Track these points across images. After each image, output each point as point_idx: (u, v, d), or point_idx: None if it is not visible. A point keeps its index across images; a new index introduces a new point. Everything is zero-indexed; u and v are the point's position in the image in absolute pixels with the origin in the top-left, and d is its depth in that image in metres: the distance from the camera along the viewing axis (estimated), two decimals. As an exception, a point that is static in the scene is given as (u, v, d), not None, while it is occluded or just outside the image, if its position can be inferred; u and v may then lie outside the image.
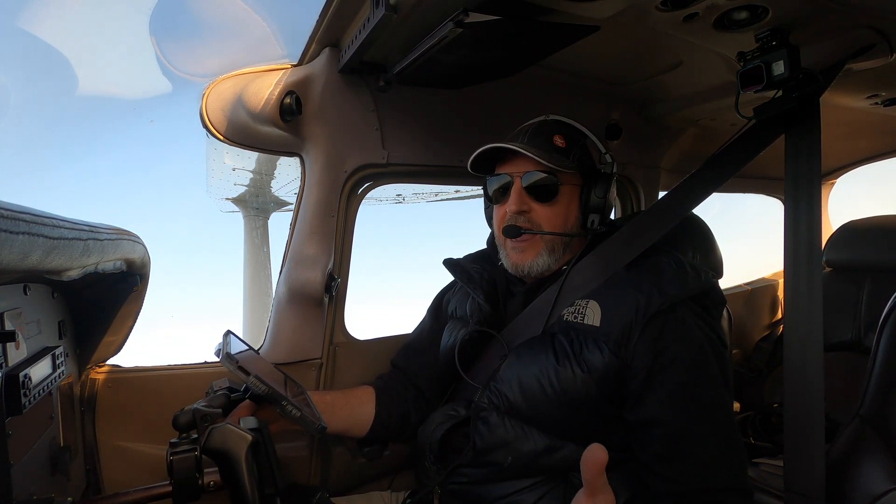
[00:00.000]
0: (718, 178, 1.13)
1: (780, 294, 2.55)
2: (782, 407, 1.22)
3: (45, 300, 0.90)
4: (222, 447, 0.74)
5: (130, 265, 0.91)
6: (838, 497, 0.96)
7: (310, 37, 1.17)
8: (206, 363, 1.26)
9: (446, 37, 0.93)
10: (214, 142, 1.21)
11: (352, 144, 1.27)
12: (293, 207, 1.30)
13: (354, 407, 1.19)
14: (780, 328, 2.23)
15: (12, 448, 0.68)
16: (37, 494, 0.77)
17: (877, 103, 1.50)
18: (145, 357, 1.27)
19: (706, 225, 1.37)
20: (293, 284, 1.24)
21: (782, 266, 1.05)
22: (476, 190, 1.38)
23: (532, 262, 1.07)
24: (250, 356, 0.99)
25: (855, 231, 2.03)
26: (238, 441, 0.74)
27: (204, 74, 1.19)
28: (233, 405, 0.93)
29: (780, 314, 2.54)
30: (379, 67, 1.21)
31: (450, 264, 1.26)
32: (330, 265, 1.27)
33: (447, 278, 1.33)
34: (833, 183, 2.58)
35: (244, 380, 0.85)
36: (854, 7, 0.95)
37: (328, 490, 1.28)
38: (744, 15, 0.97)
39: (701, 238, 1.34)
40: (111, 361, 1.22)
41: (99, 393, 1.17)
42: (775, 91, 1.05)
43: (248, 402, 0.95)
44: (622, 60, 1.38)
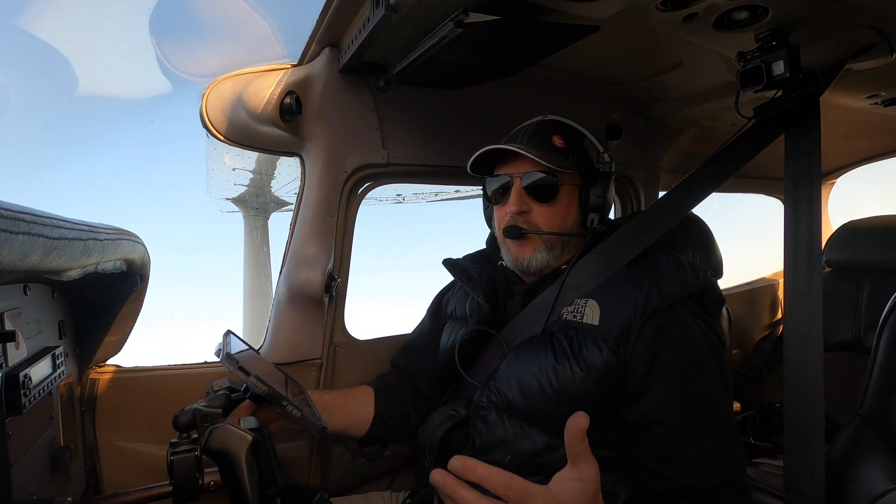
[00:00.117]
0: (718, 178, 1.13)
1: (780, 294, 2.55)
2: (782, 407, 1.23)
3: (46, 300, 0.90)
4: (222, 447, 0.74)
5: (130, 265, 0.91)
6: (838, 497, 0.96)
7: (310, 37, 1.17)
8: (206, 363, 1.26)
9: (446, 37, 0.93)
10: (214, 142, 1.21)
11: (352, 144, 1.27)
12: (293, 207, 1.30)
13: (353, 406, 1.19)
14: (780, 328, 2.23)
15: (12, 448, 0.68)
16: (37, 494, 0.77)
17: (877, 103, 1.50)
18: (145, 357, 1.27)
19: (706, 225, 1.37)
20: (293, 284, 1.24)
21: (782, 266, 1.05)
22: (476, 190, 1.38)
23: (531, 256, 1.07)
24: (250, 356, 0.99)
25: (855, 231, 2.03)
26: (238, 441, 0.74)
27: (204, 74, 1.19)
28: (233, 405, 0.93)
29: (780, 314, 2.53)
30: (379, 67, 1.21)
31: (449, 264, 1.26)
32: (330, 265, 1.27)
33: (447, 278, 1.33)
34: (833, 183, 2.58)
35: (244, 380, 0.85)
36: (854, 7, 0.95)
37: (328, 490, 1.28)
38: (744, 15, 0.97)
39: (701, 238, 1.35)
40: (111, 361, 1.22)
41: (99, 393, 1.17)
42: (775, 91, 1.05)
43: (249, 402, 0.95)
44: (622, 60, 1.38)
